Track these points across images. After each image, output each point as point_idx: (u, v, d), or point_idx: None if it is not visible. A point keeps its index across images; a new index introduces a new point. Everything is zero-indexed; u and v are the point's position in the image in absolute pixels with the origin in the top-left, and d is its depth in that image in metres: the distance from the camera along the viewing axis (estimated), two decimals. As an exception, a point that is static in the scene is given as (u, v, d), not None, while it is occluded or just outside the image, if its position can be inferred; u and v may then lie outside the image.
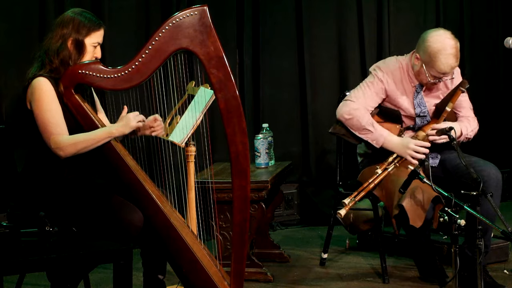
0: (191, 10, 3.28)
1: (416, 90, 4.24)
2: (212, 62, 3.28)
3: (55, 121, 3.35)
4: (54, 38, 3.44)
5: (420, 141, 4.10)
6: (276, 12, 5.86)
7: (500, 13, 6.62)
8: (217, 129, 5.36)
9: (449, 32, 4.14)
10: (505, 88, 6.62)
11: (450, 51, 4.06)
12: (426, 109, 4.23)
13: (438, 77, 4.13)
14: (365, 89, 4.26)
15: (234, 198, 3.35)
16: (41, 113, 3.35)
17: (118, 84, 3.34)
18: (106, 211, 3.33)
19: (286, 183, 5.25)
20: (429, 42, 4.09)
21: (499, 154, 6.33)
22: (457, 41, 4.10)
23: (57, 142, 3.34)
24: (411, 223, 3.90)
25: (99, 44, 3.50)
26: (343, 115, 4.25)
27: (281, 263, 4.73)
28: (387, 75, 4.25)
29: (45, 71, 3.41)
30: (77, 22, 3.44)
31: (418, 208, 3.89)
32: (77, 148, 3.35)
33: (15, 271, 3.00)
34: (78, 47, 3.43)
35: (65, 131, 3.36)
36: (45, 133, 3.35)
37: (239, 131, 3.30)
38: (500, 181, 4.06)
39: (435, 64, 4.08)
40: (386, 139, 4.17)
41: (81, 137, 3.36)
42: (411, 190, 3.86)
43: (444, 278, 4.10)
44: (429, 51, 4.08)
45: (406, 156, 4.08)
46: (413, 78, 4.24)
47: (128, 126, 3.39)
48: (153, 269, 3.54)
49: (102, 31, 3.49)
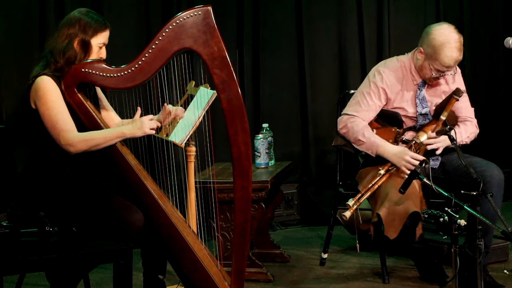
0: (195, 10, 3.28)
1: (418, 88, 4.23)
2: (216, 62, 3.27)
3: (63, 118, 3.34)
4: (60, 37, 3.44)
5: (415, 154, 4.07)
6: (276, 12, 5.86)
7: (500, 13, 6.63)
8: (218, 129, 5.35)
9: (453, 26, 4.15)
10: (505, 88, 6.62)
11: (454, 45, 4.07)
12: (428, 108, 4.23)
13: (441, 70, 4.12)
14: (362, 100, 4.24)
15: (236, 199, 3.34)
16: (48, 111, 3.35)
17: (121, 83, 3.34)
18: (107, 211, 3.33)
19: (286, 183, 5.25)
20: (434, 35, 4.10)
21: (499, 154, 6.33)
22: (461, 36, 4.11)
23: (68, 139, 3.33)
24: (385, 233, 3.92)
25: (105, 45, 3.51)
26: (341, 130, 4.27)
27: (281, 263, 4.74)
28: (388, 79, 4.23)
29: (49, 70, 3.41)
30: (84, 22, 3.44)
31: (394, 220, 3.89)
32: (89, 145, 3.34)
33: (15, 271, 3.00)
34: (84, 47, 3.43)
35: (74, 127, 3.36)
36: (54, 130, 3.34)
37: (242, 131, 3.30)
38: (502, 182, 4.05)
39: (439, 57, 4.07)
40: (380, 148, 4.14)
41: (93, 134, 3.36)
42: (392, 200, 3.87)
43: (444, 278, 4.10)
44: (433, 44, 4.08)
45: (401, 167, 4.05)
46: (415, 75, 4.23)
47: (141, 131, 3.40)
48: (153, 269, 3.54)
49: (108, 32, 3.50)
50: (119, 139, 3.38)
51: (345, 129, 4.24)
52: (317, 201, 5.89)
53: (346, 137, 4.26)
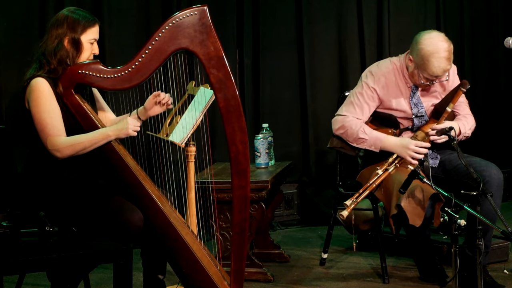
0: (191, 10, 3.28)
1: (412, 90, 4.24)
2: (212, 62, 3.28)
3: (53, 122, 3.35)
4: (50, 39, 3.44)
5: (420, 142, 4.10)
6: (276, 12, 5.86)
7: (500, 13, 6.63)
8: (218, 129, 5.36)
9: (442, 35, 4.13)
10: (505, 88, 6.62)
11: (443, 54, 4.05)
12: (424, 109, 4.23)
13: (430, 79, 4.13)
14: (355, 101, 4.26)
15: (234, 198, 3.35)
16: (39, 114, 3.35)
17: (118, 84, 3.34)
18: (106, 211, 3.33)
19: (286, 183, 5.25)
20: (422, 45, 4.08)
21: (499, 154, 6.33)
22: (450, 44, 4.09)
23: (54, 144, 3.34)
24: (410, 222, 3.90)
25: (96, 40, 3.50)
26: (337, 131, 4.26)
27: (281, 263, 4.74)
28: (379, 79, 4.24)
29: (43, 71, 3.41)
30: (71, 20, 3.44)
31: (416, 207, 3.89)
32: (75, 150, 3.35)
33: (15, 271, 3.00)
34: (75, 45, 3.43)
35: (63, 132, 3.36)
36: (42, 133, 3.35)
37: (239, 130, 3.30)
38: (501, 182, 4.05)
39: (428, 67, 4.07)
40: (384, 141, 4.16)
41: (78, 138, 3.36)
42: (409, 189, 3.86)
43: (444, 278, 4.10)
44: (422, 54, 4.08)
45: (406, 157, 4.07)
46: (408, 78, 4.24)
47: (123, 132, 3.39)
48: (153, 269, 3.54)
49: (97, 27, 3.49)
50: (104, 141, 3.38)
51: (342, 130, 4.24)
52: (317, 201, 5.88)
53: (344, 138, 4.25)
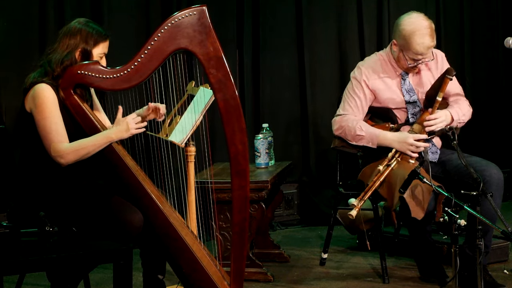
0: (190, 10, 3.28)
1: (402, 77, 4.25)
2: (211, 62, 3.28)
3: (57, 129, 3.35)
4: (61, 47, 3.45)
5: (417, 134, 4.09)
6: (276, 12, 5.86)
7: (500, 13, 6.63)
8: (217, 129, 5.36)
9: (422, 14, 4.18)
10: (506, 88, 6.62)
11: (425, 31, 4.08)
12: (416, 95, 4.23)
13: (416, 59, 4.15)
14: (348, 99, 4.29)
15: (234, 198, 3.35)
16: (43, 120, 3.36)
17: (117, 84, 3.34)
18: (106, 212, 3.34)
19: (286, 183, 5.25)
20: (403, 26, 4.14)
21: (499, 154, 6.33)
22: (431, 22, 4.13)
23: (58, 150, 3.34)
24: (412, 215, 3.88)
25: (105, 55, 3.52)
26: (336, 131, 4.29)
27: (281, 263, 4.74)
28: (367, 71, 4.27)
29: (48, 78, 3.41)
30: (85, 32, 3.46)
31: (419, 200, 3.88)
32: (79, 155, 3.36)
33: (15, 271, 3.00)
34: (85, 57, 3.45)
35: (66, 139, 3.37)
36: (46, 140, 3.36)
37: (239, 130, 3.30)
38: (501, 181, 4.05)
39: (411, 45, 4.10)
40: (380, 137, 4.16)
41: (81, 143, 3.37)
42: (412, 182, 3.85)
43: (444, 278, 4.10)
44: (404, 34, 4.12)
45: (405, 151, 4.07)
46: (396, 66, 4.26)
47: (128, 132, 3.41)
48: (153, 269, 3.54)
49: (107, 42, 3.52)
50: (107, 143, 3.39)
51: (340, 130, 4.26)
52: (317, 201, 5.89)
53: (343, 137, 4.26)
